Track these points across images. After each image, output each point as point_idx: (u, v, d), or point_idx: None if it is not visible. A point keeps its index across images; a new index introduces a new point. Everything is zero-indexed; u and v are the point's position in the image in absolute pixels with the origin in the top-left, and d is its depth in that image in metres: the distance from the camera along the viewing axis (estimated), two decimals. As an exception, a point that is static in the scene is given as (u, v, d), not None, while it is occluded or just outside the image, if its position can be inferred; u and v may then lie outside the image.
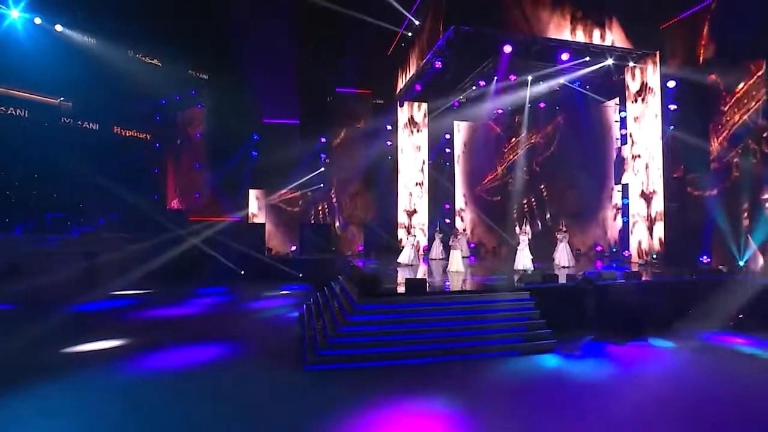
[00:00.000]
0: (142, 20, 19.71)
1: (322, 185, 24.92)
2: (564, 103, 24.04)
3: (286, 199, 24.46)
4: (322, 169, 24.78)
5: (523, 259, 16.72)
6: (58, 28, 20.37)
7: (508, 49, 17.46)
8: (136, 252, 20.37)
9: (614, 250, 22.70)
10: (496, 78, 20.77)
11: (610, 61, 18.63)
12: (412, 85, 21.90)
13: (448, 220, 26.57)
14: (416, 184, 25.58)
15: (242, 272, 22.58)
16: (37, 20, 19.65)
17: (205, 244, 22.08)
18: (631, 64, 18.81)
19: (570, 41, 17.41)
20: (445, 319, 11.01)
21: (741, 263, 15.31)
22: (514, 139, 26.71)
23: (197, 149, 22.58)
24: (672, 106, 18.24)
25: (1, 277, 18.17)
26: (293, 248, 24.26)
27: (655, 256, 18.38)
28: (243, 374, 9.58)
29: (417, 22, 19.97)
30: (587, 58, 18.48)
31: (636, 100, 19.16)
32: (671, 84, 18.05)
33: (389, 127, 25.50)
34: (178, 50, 21.84)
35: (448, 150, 26.95)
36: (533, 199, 26.25)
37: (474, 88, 22.86)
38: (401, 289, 12.02)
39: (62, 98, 23.40)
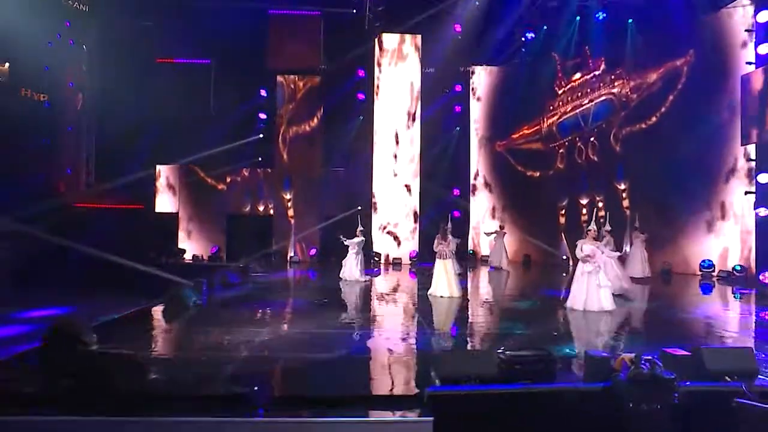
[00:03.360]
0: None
1: (261, 159, 16.99)
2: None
3: (204, 165, 16.62)
4: (261, 135, 16.86)
5: (594, 293, 8.23)
6: None
7: None
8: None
9: (739, 268, 12.35)
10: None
11: None
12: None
13: (458, 213, 17.51)
14: (402, 157, 16.86)
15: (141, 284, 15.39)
16: None
17: (77, 243, 15.07)
18: None
19: None
20: None
21: None
22: (579, 75, 16.55)
23: (71, 105, 15.78)
24: None
25: None
26: (214, 250, 16.61)
27: None
28: None
29: None
30: None
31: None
32: None
33: (361, 74, 16.96)
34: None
35: (458, 108, 17.79)
36: (599, 200, 16.10)
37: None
38: None
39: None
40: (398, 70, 16.71)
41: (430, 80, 17.03)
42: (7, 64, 16.97)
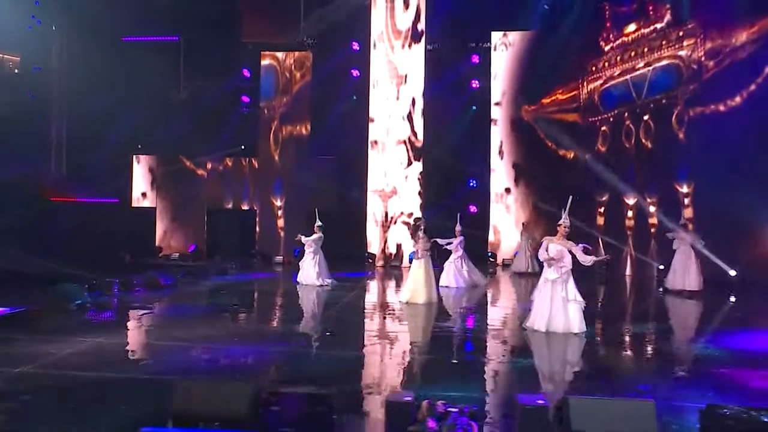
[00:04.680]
0: None
1: (243, 147, 15.05)
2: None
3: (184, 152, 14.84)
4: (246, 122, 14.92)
5: (560, 309, 6.23)
6: None
7: None
8: None
9: None
10: None
11: None
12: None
13: (474, 209, 14.79)
14: (405, 141, 14.29)
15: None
16: None
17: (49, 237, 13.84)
18: None
19: None
20: None
21: None
22: (634, 28, 12.89)
23: (41, 90, 14.56)
24: None
25: None
26: (193, 248, 14.88)
27: None
28: None
29: None
30: None
31: None
32: None
33: (356, 47, 14.58)
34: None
35: (475, 84, 14.96)
36: (650, 202, 12.55)
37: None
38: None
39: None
40: (398, 40, 14.19)
41: (438, 51, 14.42)
42: (19, 56, 16.11)
